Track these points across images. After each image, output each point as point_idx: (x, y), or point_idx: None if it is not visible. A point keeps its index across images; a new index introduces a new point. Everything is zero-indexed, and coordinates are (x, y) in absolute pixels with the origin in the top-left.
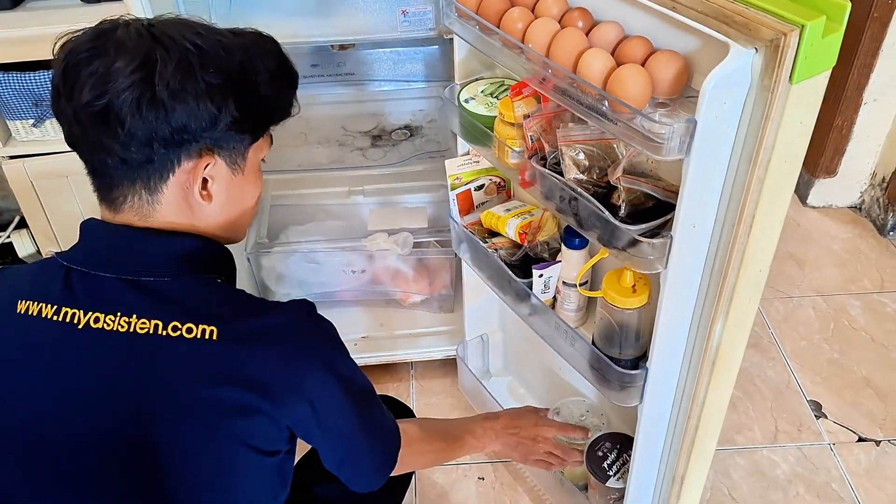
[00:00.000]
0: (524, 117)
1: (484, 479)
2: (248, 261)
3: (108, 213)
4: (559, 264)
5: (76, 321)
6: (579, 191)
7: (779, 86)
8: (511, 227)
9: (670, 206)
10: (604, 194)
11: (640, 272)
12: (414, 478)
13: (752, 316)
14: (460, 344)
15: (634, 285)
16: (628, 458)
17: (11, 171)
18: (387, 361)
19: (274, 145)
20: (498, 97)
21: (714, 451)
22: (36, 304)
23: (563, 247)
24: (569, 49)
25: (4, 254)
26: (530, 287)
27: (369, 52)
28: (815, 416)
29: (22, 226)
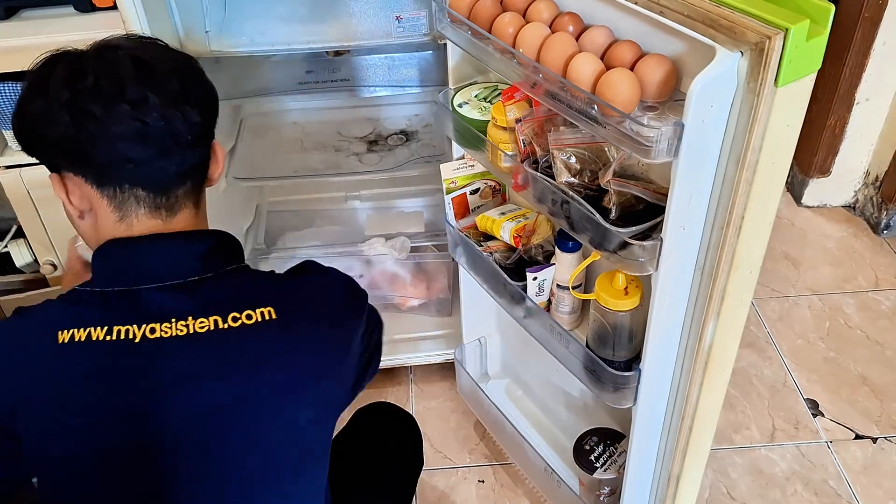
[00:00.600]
0: (516, 121)
1: (484, 482)
2: None
3: (151, 222)
4: (553, 267)
5: (132, 336)
6: (571, 194)
7: (764, 88)
8: (506, 231)
9: (661, 208)
10: (595, 197)
11: (631, 274)
12: None
13: (744, 316)
14: (458, 347)
15: (627, 287)
16: (615, 451)
17: (8, 181)
18: (386, 366)
19: (270, 151)
20: (491, 101)
21: (709, 450)
22: (82, 331)
23: (556, 250)
24: (559, 53)
25: (1, 264)
26: (525, 290)
27: (364, 57)
28: (812, 414)
29: (19, 235)
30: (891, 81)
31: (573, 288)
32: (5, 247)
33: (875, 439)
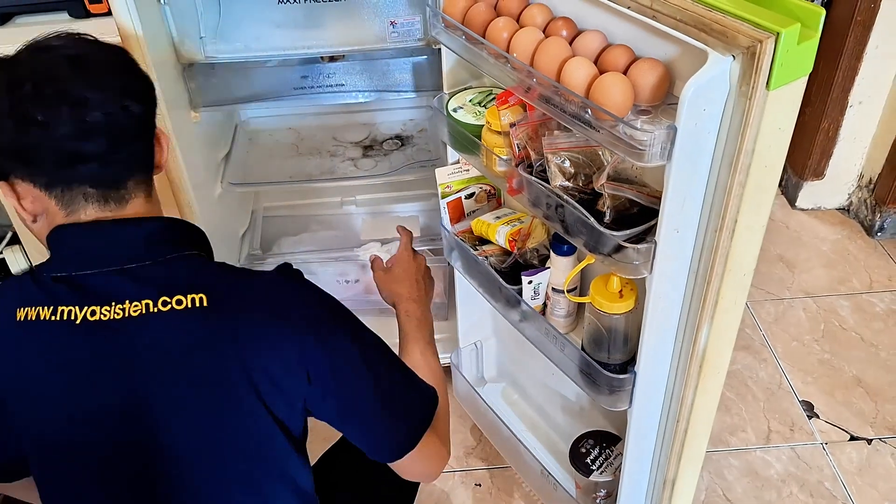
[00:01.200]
0: (511, 126)
1: (481, 486)
2: None
3: (98, 212)
4: (548, 271)
5: (73, 317)
6: (565, 198)
7: (756, 92)
8: (501, 235)
9: (655, 211)
10: (589, 201)
11: (626, 277)
12: None
13: (738, 319)
14: (454, 352)
15: (621, 290)
16: (611, 454)
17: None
18: None
19: (265, 157)
20: (486, 106)
21: (704, 453)
22: (32, 310)
23: (551, 253)
24: (553, 58)
25: None
26: (520, 294)
27: (359, 62)
28: (808, 416)
29: (14, 242)
30: (883, 85)
31: (568, 291)
32: (0, 253)
33: (870, 440)
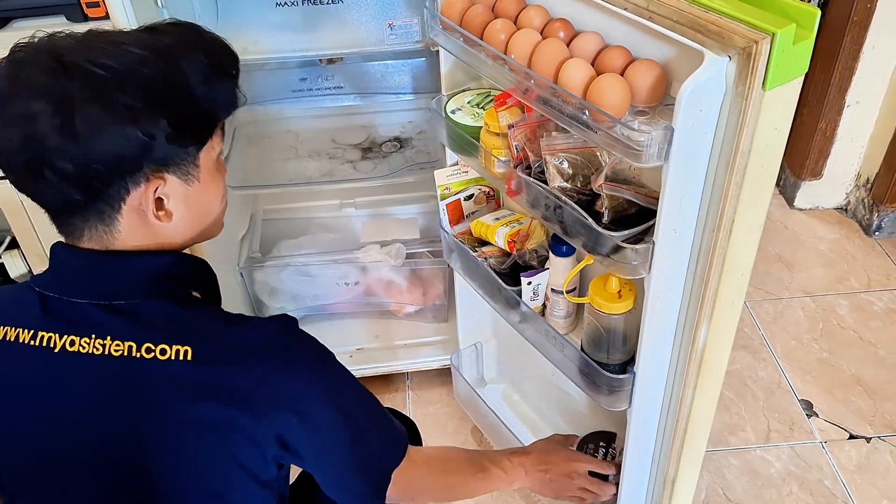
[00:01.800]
0: (509, 127)
1: None
2: (241, 275)
3: (70, 240)
4: (547, 272)
5: (52, 345)
6: (563, 199)
7: (752, 92)
8: (500, 236)
9: (653, 212)
10: (588, 202)
11: (625, 278)
12: None
13: (737, 318)
14: (454, 353)
15: (620, 291)
16: (616, 453)
17: (1, 192)
18: (382, 372)
19: (264, 160)
20: (484, 108)
21: (704, 452)
22: (13, 330)
23: (550, 254)
24: (550, 59)
25: None
26: (519, 295)
27: (357, 65)
28: (807, 414)
29: (13, 246)
30: (880, 84)
31: (567, 292)
32: None
33: (869, 439)
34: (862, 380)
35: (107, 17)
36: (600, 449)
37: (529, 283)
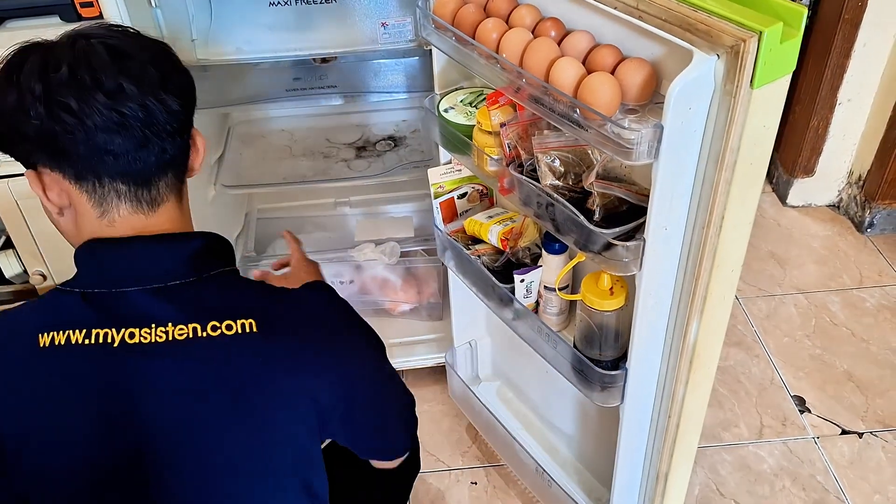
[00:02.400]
0: (501, 126)
1: (477, 484)
2: None
3: (133, 218)
4: (540, 269)
5: (110, 340)
6: (555, 196)
7: (740, 90)
8: (493, 234)
9: (644, 209)
10: (579, 199)
11: (616, 275)
12: None
13: (727, 314)
14: (449, 351)
15: (612, 288)
16: None
17: None
18: None
19: (258, 159)
20: (477, 106)
21: (696, 447)
22: (61, 334)
23: (543, 252)
24: (541, 58)
25: None
26: (513, 292)
27: (351, 64)
28: (800, 410)
29: (8, 246)
30: (872, 82)
31: (560, 289)
32: None
33: (861, 434)
34: (854, 376)
35: (100, 17)
36: None
37: (522, 281)
